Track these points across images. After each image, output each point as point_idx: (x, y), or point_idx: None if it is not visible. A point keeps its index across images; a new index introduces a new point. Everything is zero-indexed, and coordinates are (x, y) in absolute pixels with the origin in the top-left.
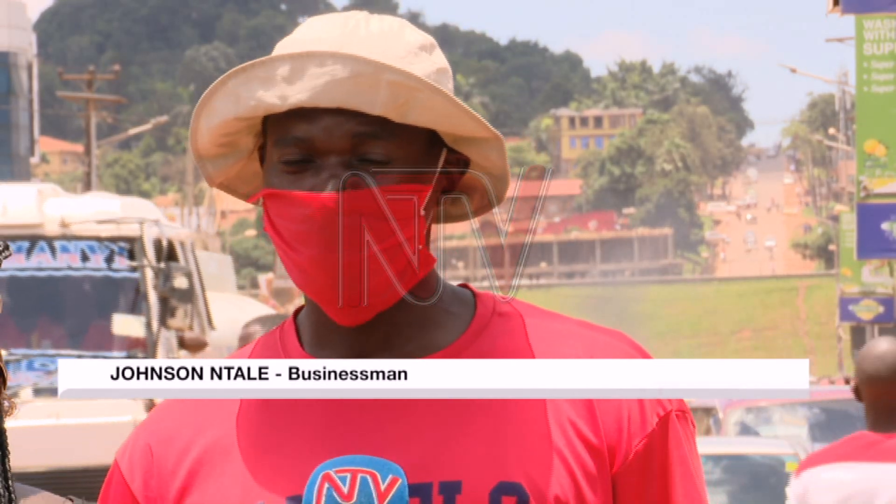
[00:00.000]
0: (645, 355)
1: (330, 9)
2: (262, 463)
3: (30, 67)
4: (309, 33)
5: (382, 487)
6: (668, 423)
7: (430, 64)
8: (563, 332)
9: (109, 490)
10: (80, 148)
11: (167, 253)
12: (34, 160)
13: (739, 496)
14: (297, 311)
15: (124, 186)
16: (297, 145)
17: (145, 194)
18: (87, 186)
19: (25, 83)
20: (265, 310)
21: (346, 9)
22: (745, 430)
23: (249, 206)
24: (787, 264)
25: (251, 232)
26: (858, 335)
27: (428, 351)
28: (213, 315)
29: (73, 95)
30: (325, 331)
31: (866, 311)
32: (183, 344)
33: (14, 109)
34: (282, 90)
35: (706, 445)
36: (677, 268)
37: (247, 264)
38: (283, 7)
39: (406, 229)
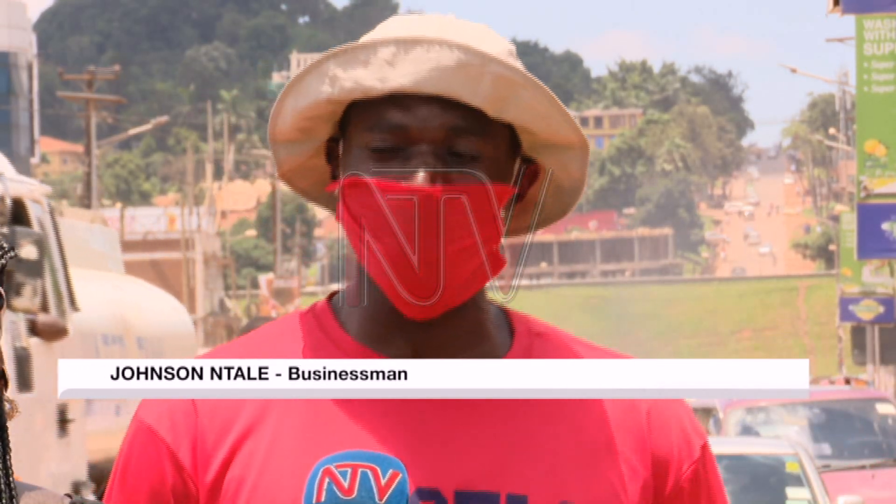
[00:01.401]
0: None
1: (330, 9)
2: (317, 444)
3: (30, 67)
4: (401, 26)
5: (383, 482)
6: (706, 452)
7: (520, 67)
8: (610, 355)
9: (141, 456)
10: (80, 148)
11: (12, 214)
12: (34, 160)
13: (740, 496)
14: (332, 296)
15: (125, 186)
16: (391, 132)
17: (145, 194)
18: (88, 187)
19: (25, 83)
20: (159, 294)
21: (345, 10)
22: (746, 430)
23: (249, 206)
24: (787, 264)
25: (251, 232)
26: (859, 335)
27: None
28: (84, 296)
29: (74, 95)
30: (382, 326)
31: (866, 311)
32: (35, 330)
33: (14, 109)
34: (383, 73)
35: None
36: (677, 268)
37: (247, 264)
38: (284, 7)
39: (486, 229)
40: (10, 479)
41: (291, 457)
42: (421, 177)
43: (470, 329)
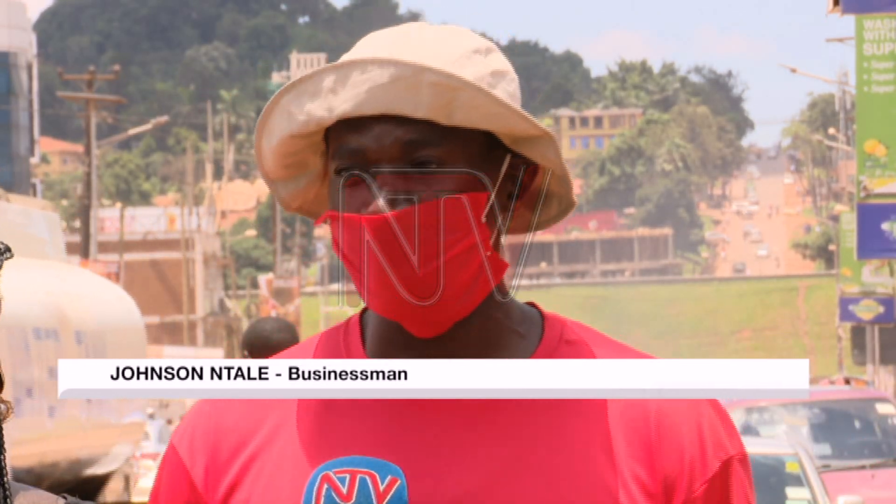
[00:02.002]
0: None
1: (330, 9)
2: (316, 466)
3: (30, 68)
4: (364, 46)
5: (381, 488)
6: (731, 468)
7: (484, 66)
8: None
9: (164, 475)
10: (80, 148)
11: None
12: (34, 160)
13: None
14: (365, 310)
15: (125, 186)
16: (350, 156)
17: (146, 194)
18: (88, 187)
19: (25, 83)
20: (104, 284)
21: (344, 9)
22: (746, 430)
23: (249, 206)
24: (787, 264)
25: (251, 232)
26: (858, 335)
27: None
28: (14, 285)
29: (73, 95)
30: (389, 343)
31: (866, 311)
32: None
33: (14, 110)
34: (329, 101)
35: None
36: (677, 268)
37: (247, 264)
38: (283, 7)
39: (467, 238)
40: (5, 479)
41: (292, 464)
42: (381, 205)
43: (480, 341)
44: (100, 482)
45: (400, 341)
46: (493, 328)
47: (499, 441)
